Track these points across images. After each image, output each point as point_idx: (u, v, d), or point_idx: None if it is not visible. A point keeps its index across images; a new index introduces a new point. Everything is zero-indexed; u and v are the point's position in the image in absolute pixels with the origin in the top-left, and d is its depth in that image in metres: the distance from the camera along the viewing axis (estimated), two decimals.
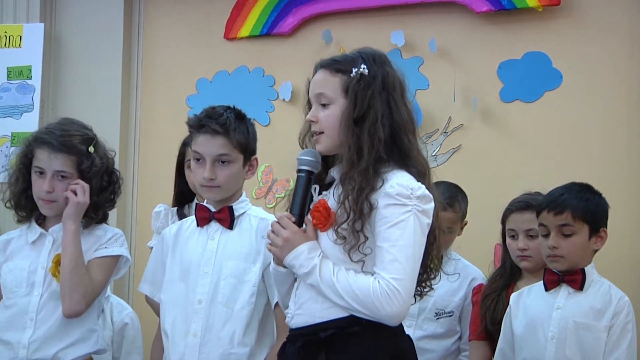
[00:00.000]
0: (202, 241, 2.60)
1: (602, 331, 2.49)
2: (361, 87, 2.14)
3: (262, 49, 4.30)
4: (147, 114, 4.48)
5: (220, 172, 2.54)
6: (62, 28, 4.56)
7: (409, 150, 2.14)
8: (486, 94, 3.85)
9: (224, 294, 2.52)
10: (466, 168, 3.86)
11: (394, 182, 2.08)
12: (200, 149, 2.55)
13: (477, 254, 3.58)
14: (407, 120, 2.16)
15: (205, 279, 2.55)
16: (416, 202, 2.06)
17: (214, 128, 2.53)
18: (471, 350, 2.98)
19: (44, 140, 2.68)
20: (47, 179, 2.66)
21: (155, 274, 2.68)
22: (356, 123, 2.13)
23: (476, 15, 3.89)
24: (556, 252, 2.54)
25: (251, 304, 2.52)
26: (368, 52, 2.21)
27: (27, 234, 2.75)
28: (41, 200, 2.68)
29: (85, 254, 2.67)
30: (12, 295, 2.68)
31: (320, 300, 2.12)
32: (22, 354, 2.60)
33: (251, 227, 2.60)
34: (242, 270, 2.55)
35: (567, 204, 2.54)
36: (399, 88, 2.18)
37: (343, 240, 2.08)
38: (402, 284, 2.01)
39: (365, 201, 2.07)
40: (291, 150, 4.15)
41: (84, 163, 2.69)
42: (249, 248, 2.57)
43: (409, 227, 2.04)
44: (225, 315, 2.51)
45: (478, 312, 2.96)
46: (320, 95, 2.20)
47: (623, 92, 3.67)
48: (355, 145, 2.12)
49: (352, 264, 2.08)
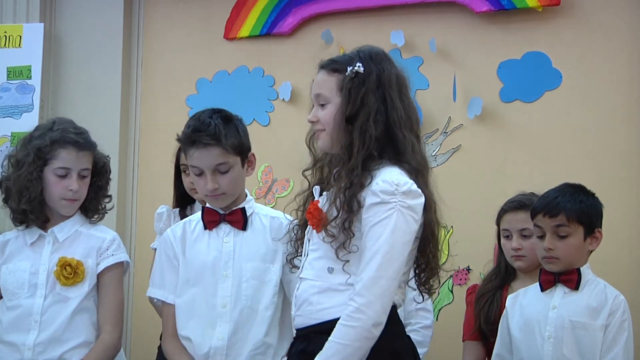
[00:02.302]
0: (215, 244, 2.58)
1: (598, 330, 2.49)
2: (355, 85, 2.15)
3: (262, 49, 4.29)
4: (147, 114, 4.47)
5: (222, 181, 2.53)
6: (62, 28, 4.55)
7: (403, 146, 2.15)
8: (486, 94, 3.85)
9: (247, 296, 2.52)
10: (466, 168, 3.86)
11: (380, 179, 2.09)
12: (197, 163, 2.53)
13: (476, 254, 3.59)
14: (404, 117, 2.16)
15: (225, 282, 2.53)
16: (401, 198, 2.06)
17: (205, 141, 2.49)
18: (465, 350, 2.98)
19: (69, 140, 2.70)
20: (74, 178, 2.69)
21: (164, 277, 2.62)
22: (349, 121, 2.15)
23: (476, 15, 3.88)
24: (552, 254, 2.55)
25: (274, 304, 2.53)
26: (365, 50, 2.22)
27: (25, 235, 2.75)
28: (65, 200, 2.69)
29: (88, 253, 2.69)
30: (14, 297, 2.68)
31: (315, 302, 2.14)
32: (28, 355, 2.61)
33: (264, 227, 2.59)
34: (263, 271, 2.54)
35: (562, 206, 2.54)
36: (396, 85, 2.18)
37: (332, 238, 2.10)
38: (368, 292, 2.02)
39: (354, 199, 2.08)
40: (291, 150, 4.18)
41: (96, 158, 2.76)
42: (266, 248, 2.56)
43: (390, 225, 2.05)
44: (250, 317, 2.51)
45: (472, 312, 2.96)
46: (319, 96, 2.22)
47: (623, 92, 3.67)
48: (347, 143, 2.13)
49: (338, 261, 2.11)
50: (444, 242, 3.75)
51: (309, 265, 2.20)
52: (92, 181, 2.76)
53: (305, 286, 2.19)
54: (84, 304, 2.68)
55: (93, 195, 2.77)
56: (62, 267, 2.65)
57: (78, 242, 2.72)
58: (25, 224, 2.75)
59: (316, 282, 2.16)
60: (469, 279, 3.79)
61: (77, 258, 2.68)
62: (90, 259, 2.70)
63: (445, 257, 3.70)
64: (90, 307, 2.70)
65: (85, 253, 2.70)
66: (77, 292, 2.67)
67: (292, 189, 4.11)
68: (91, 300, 2.70)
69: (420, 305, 3.08)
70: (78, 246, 2.72)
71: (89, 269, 2.69)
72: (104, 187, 2.81)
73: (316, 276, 2.17)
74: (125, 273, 2.80)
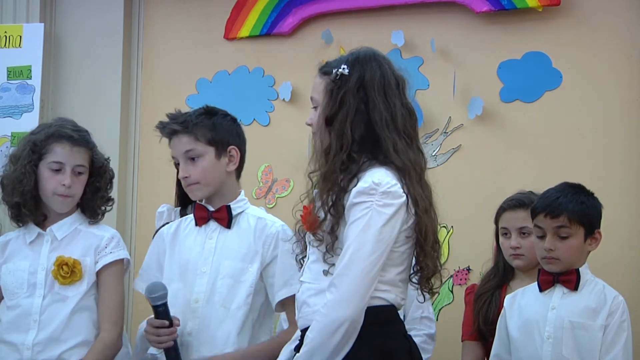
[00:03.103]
0: (200, 240, 2.61)
1: (597, 330, 2.49)
2: (336, 87, 2.17)
3: (262, 49, 4.29)
4: (147, 114, 4.47)
5: (192, 169, 2.59)
6: (62, 28, 4.55)
7: (386, 147, 2.14)
8: (486, 94, 3.85)
9: (221, 294, 2.54)
10: (466, 168, 3.86)
11: (362, 181, 2.09)
12: (173, 153, 2.64)
13: (476, 254, 3.58)
14: (387, 117, 2.15)
15: (202, 278, 2.56)
16: (378, 198, 2.06)
17: (174, 128, 2.60)
18: (464, 350, 2.98)
19: (64, 135, 2.70)
20: (68, 173, 2.68)
21: (149, 272, 2.68)
22: (329, 123, 2.16)
23: (476, 15, 3.88)
24: (552, 255, 2.55)
25: (247, 305, 2.54)
26: (355, 52, 2.24)
27: (25, 235, 2.75)
28: (58, 195, 2.69)
29: (86, 252, 2.68)
30: (14, 297, 2.68)
31: (311, 303, 2.15)
32: (27, 355, 2.61)
33: (249, 227, 2.61)
34: (240, 270, 2.56)
35: (563, 207, 2.54)
36: (381, 84, 2.17)
37: (319, 242, 2.11)
38: (335, 289, 2.03)
39: (338, 202, 2.09)
40: (291, 150, 4.18)
41: (94, 157, 2.75)
42: (247, 248, 2.58)
43: (362, 223, 2.05)
44: (221, 315, 2.53)
45: (471, 312, 2.96)
46: (312, 99, 2.25)
47: (623, 92, 3.67)
48: (326, 145, 2.15)
49: (325, 264, 2.12)
50: (444, 242, 3.75)
51: (308, 268, 2.22)
52: (89, 181, 2.75)
53: (304, 289, 2.20)
54: (83, 302, 2.68)
55: (90, 196, 2.76)
56: (59, 266, 2.65)
57: (77, 241, 2.73)
58: (19, 220, 2.74)
59: (312, 284, 2.17)
60: (469, 279, 3.79)
61: (76, 257, 2.68)
62: (88, 257, 2.70)
63: (445, 257, 3.71)
64: (90, 305, 2.70)
65: (84, 251, 2.70)
66: (76, 291, 2.67)
67: (292, 189, 4.11)
68: (91, 299, 2.70)
69: (425, 314, 3.12)
70: (77, 245, 2.72)
71: (87, 267, 2.69)
72: (102, 188, 2.78)
73: (313, 279, 2.18)
74: (126, 271, 2.80)
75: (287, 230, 2.58)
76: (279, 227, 2.60)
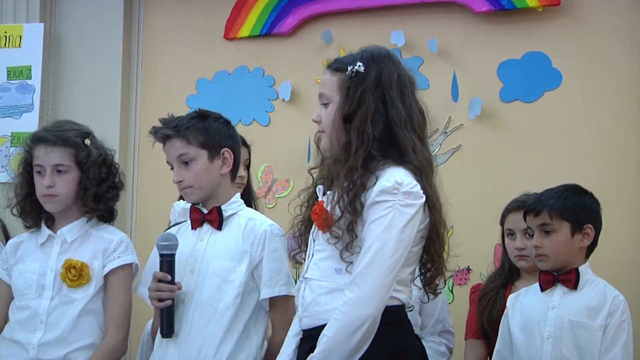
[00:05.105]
0: (192, 242, 2.61)
1: (597, 330, 2.49)
2: (353, 84, 2.16)
3: (262, 49, 4.29)
4: (147, 114, 4.47)
5: (185, 173, 2.59)
6: (62, 28, 4.55)
7: (405, 147, 2.15)
8: (486, 94, 3.85)
9: (208, 293, 2.53)
10: (466, 168, 3.86)
11: (383, 179, 2.09)
12: (167, 158, 2.63)
13: (476, 254, 3.59)
14: (404, 117, 2.16)
15: (191, 278, 2.56)
16: (400, 198, 2.06)
17: (167, 133, 2.60)
18: (467, 348, 2.99)
19: (40, 137, 2.73)
20: (47, 174, 2.68)
21: (149, 277, 2.65)
22: (347, 120, 2.15)
23: (476, 15, 3.89)
24: (540, 252, 2.56)
25: (236, 305, 2.52)
26: (369, 50, 2.23)
27: (37, 236, 2.77)
28: (43, 196, 2.70)
29: (95, 255, 2.69)
30: (23, 298, 2.70)
31: (322, 302, 2.14)
32: (33, 354, 2.62)
33: (239, 227, 2.61)
34: (227, 269, 2.55)
35: (544, 203, 2.56)
36: (397, 84, 2.18)
37: (336, 240, 2.10)
38: (357, 287, 2.03)
39: (357, 200, 2.08)
40: (291, 150, 4.18)
41: (81, 154, 2.71)
42: (234, 248, 2.57)
43: (385, 222, 2.05)
44: (208, 314, 2.52)
45: (475, 310, 2.97)
46: (322, 96, 2.24)
47: (623, 92, 3.67)
48: (345, 143, 2.14)
49: (343, 262, 2.11)
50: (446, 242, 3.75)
51: (315, 266, 2.20)
52: (81, 178, 2.74)
53: (312, 287, 2.19)
54: (91, 305, 2.68)
55: (82, 194, 2.74)
56: (67, 269, 2.66)
57: (86, 244, 2.73)
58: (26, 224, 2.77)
59: (323, 282, 2.16)
60: (469, 279, 3.80)
61: (84, 260, 2.68)
62: (96, 261, 2.70)
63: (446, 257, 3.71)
64: (97, 309, 2.70)
65: (92, 255, 2.71)
66: (83, 293, 2.67)
67: (292, 189, 4.11)
68: (98, 302, 2.71)
69: (445, 328, 3.13)
70: (86, 248, 2.72)
71: (94, 271, 2.69)
72: (92, 184, 2.71)
73: (323, 277, 2.17)
74: (135, 275, 2.80)
75: (275, 230, 2.57)
76: (267, 227, 2.58)
